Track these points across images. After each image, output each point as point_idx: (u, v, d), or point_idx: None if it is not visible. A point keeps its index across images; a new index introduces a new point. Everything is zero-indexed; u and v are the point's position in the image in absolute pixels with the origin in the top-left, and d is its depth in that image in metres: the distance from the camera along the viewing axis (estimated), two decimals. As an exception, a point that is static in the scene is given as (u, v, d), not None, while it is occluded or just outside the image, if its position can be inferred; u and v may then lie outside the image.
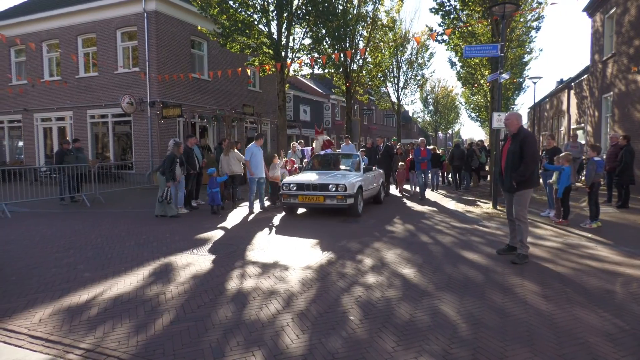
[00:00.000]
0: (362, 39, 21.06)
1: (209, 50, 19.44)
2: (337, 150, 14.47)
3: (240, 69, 15.59)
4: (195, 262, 5.76)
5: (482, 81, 18.12)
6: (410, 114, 58.26)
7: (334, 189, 8.79)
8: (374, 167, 11.63)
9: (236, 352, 3.23)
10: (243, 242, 6.91)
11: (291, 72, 17.27)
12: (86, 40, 18.37)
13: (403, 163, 14.53)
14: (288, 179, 9.62)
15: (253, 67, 16.37)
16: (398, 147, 16.42)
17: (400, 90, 32.14)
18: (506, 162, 5.67)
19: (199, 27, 16.88)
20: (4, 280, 5.03)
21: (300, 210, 10.17)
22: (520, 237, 5.60)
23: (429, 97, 52.23)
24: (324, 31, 16.71)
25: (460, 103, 46.82)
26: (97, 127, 18.78)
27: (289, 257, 5.91)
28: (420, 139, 13.34)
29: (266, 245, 6.64)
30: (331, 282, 4.80)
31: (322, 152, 12.01)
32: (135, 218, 9.42)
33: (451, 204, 11.34)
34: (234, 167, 10.52)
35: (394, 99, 33.05)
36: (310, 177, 9.41)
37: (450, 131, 63.23)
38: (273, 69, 15.96)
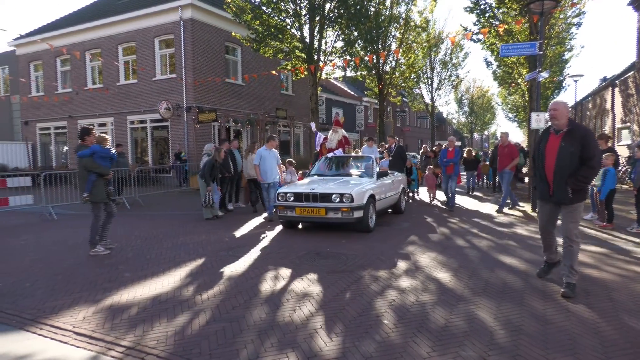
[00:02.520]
0: (394, 40, 20.91)
1: (242, 56, 19.80)
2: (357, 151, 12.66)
3: (274, 71, 15.80)
4: (229, 263, 5.85)
5: (519, 80, 17.61)
6: (445, 115, 57.30)
7: (337, 199, 7.30)
8: (390, 171, 10.03)
9: (270, 353, 3.25)
10: (275, 246, 6.97)
11: (323, 75, 17.36)
12: (126, 48, 19.08)
13: (431, 166, 12.82)
14: (284, 187, 8.22)
15: (286, 71, 16.54)
16: (434, 147, 15.98)
17: (434, 91, 31.71)
18: (558, 165, 4.38)
19: (233, 33, 17.22)
20: (52, 279, 5.28)
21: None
22: (570, 262, 4.40)
23: (463, 98, 51.26)
24: (356, 34, 16.72)
25: (497, 103, 45.70)
26: (136, 132, 19.46)
27: (319, 260, 5.91)
28: (450, 137, 11.51)
29: (297, 248, 6.67)
30: (364, 286, 4.77)
31: (330, 155, 10.28)
32: (173, 220, 9.68)
33: (488, 207, 11.05)
34: (252, 171, 10.42)
35: (427, 100, 32.63)
36: (310, 184, 7.99)
37: (486, 132, 61.76)
38: (306, 73, 16.07)
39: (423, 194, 13.59)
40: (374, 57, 19.06)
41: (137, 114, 18.79)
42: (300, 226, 8.47)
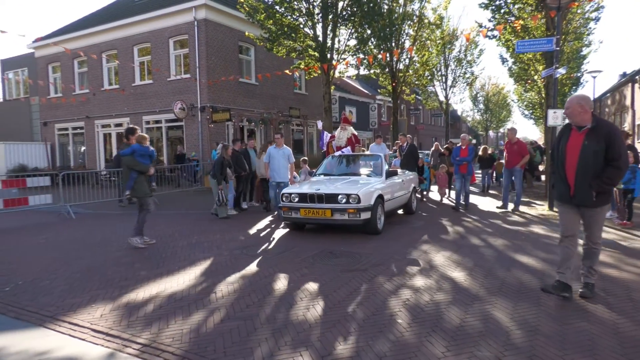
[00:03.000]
0: (408, 37, 20.75)
1: (256, 55, 19.88)
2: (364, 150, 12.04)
3: (287, 71, 15.82)
4: (244, 262, 5.89)
5: (536, 77, 17.34)
6: (459, 113, 56.76)
7: (344, 200, 7.04)
8: (400, 170, 9.86)
9: (284, 352, 3.26)
10: (289, 244, 6.98)
11: (337, 74, 17.33)
12: (141, 49, 19.31)
13: (444, 165, 12.48)
14: (289, 188, 8.02)
15: (300, 70, 16.56)
16: (446, 145, 15.72)
17: (448, 89, 31.42)
18: (580, 165, 4.00)
19: (247, 33, 17.30)
20: (70, 277, 5.37)
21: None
22: (590, 262, 4.25)
23: (478, 95, 50.69)
24: (369, 31, 16.64)
25: (513, 100, 44.99)
26: (151, 132, 19.68)
27: (333, 259, 5.91)
28: (462, 135, 10.88)
29: (310, 247, 6.67)
30: (378, 285, 4.75)
31: (338, 153, 9.89)
32: (188, 219, 9.78)
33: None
34: (263, 170, 10.40)
35: (441, 97, 32.37)
36: (316, 185, 7.74)
37: (502, 130, 60.99)
38: (319, 72, 16.07)
39: (435, 193, 13.40)
40: (388, 54, 18.95)
41: (153, 114, 19.01)
42: (306, 226, 8.23)
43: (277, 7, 15.63)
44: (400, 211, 9.69)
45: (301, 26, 15.77)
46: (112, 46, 19.91)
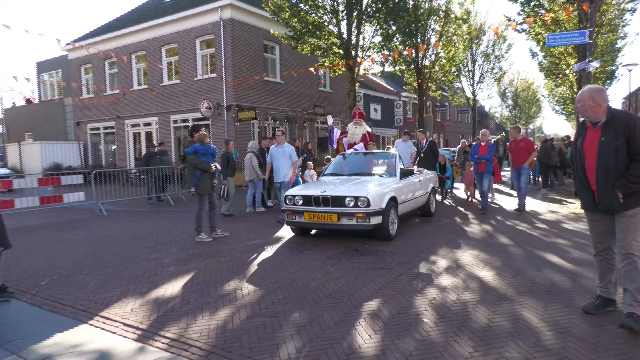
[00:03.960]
0: (434, 33, 20.48)
1: (280, 54, 19.98)
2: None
3: (312, 68, 15.84)
4: (269, 259, 5.94)
5: (567, 71, 16.83)
6: (487, 109, 55.61)
7: (352, 203, 6.37)
8: (416, 169, 9.10)
9: (309, 349, 3.28)
10: (313, 242, 7.00)
11: (361, 71, 17.24)
12: (169, 50, 19.69)
13: (468, 162, 11.40)
14: (293, 189, 7.35)
15: (324, 68, 16.55)
16: (473, 142, 15.21)
17: (475, 85, 30.86)
18: (600, 165, 3.50)
19: (272, 32, 17.40)
20: (102, 272, 5.54)
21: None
22: (633, 284, 3.44)
23: (507, 91, 49.57)
24: (394, 28, 16.48)
25: (543, 95, 43.82)
26: (179, 131, 20.07)
27: (358, 257, 5.89)
28: (482, 130, 10.02)
29: (336, 245, 6.67)
30: (403, 283, 4.71)
31: (350, 151, 9.22)
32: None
33: (533, 204, 10.63)
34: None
35: (468, 94, 31.81)
36: (322, 186, 7.08)
37: (531, 126, 59.50)
38: (343, 69, 16.03)
39: (460, 191, 13.14)
40: (413, 51, 18.74)
41: (180, 113, 19.37)
42: (313, 232, 7.58)
43: (302, 5, 15.67)
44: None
45: (326, 24, 15.77)
46: (141, 47, 20.37)
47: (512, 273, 4.98)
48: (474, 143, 10.99)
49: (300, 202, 6.81)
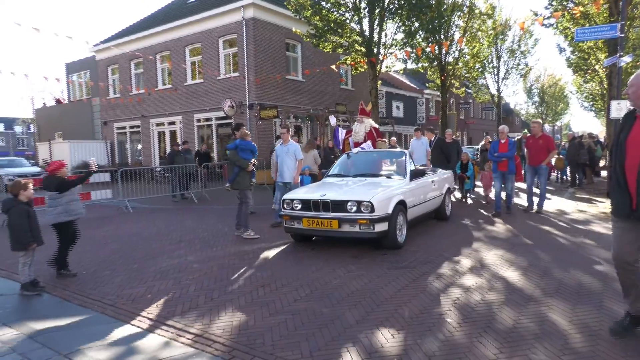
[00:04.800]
0: (458, 29, 20.17)
1: (302, 52, 20.02)
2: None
3: (333, 66, 15.81)
4: (291, 257, 5.96)
5: (597, 66, 16.34)
6: (512, 106, 54.49)
7: (354, 208, 5.78)
8: (429, 169, 8.46)
9: (331, 347, 3.28)
10: (335, 240, 6.99)
11: (383, 69, 17.12)
12: (192, 50, 19.97)
13: (489, 162, 10.20)
14: (291, 193, 6.72)
15: (346, 66, 16.49)
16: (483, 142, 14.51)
17: (500, 81, 30.28)
18: None
19: (294, 30, 17.44)
20: (128, 268, 5.67)
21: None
22: None
23: (533, 87, 48.45)
24: (417, 24, 16.30)
25: (571, 92, 42.65)
26: (202, 130, 20.35)
27: (380, 256, 5.85)
28: (501, 127, 9.23)
29: (357, 243, 6.65)
30: (426, 283, 4.66)
31: (356, 150, 8.47)
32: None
33: (561, 203, 10.37)
34: (310, 166, 9.85)
35: (493, 90, 31.25)
36: (322, 189, 6.50)
37: (558, 123, 58.02)
38: (365, 67, 15.95)
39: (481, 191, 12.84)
40: (436, 47, 18.51)
41: (203, 112, 19.63)
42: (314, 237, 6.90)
43: (324, 3, 15.66)
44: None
45: (347, 21, 15.71)
46: (166, 47, 20.72)
47: (539, 274, 4.87)
48: (490, 141, 10.66)
49: (299, 206, 6.22)
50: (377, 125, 9.92)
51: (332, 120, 12.45)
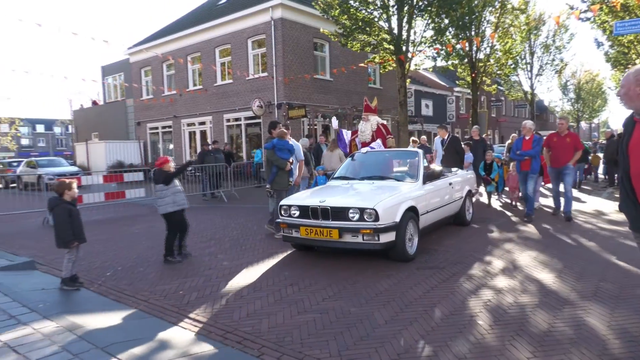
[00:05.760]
0: (489, 25, 19.71)
1: (330, 51, 20.01)
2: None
3: (362, 64, 15.73)
4: (320, 256, 5.97)
5: (638, 61, 15.65)
6: (546, 103, 52.86)
7: (356, 216, 5.20)
8: (447, 170, 7.72)
9: (359, 347, 3.27)
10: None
11: (412, 67, 16.91)
12: (222, 51, 20.27)
13: (514, 162, 9.06)
14: (288, 198, 6.10)
15: (374, 64, 16.37)
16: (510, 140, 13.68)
17: (534, 78, 29.44)
18: None
19: (321, 29, 17.45)
20: (161, 265, 5.81)
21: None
22: None
23: (569, 84, 46.83)
24: (447, 21, 16.02)
25: (609, 88, 41.03)
26: (232, 130, 20.64)
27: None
28: (524, 122, 8.28)
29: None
30: (456, 284, 4.59)
31: (365, 150, 7.77)
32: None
33: (599, 203, 9.99)
34: (335, 165, 9.47)
35: (526, 87, 30.42)
36: (322, 194, 5.88)
37: (595, 120, 55.96)
38: (394, 65, 15.80)
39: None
40: (467, 44, 18.15)
41: (233, 112, 19.90)
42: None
43: (352, 2, 15.58)
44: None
45: (376, 19, 15.59)
46: (196, 49, 21.11)
47: (575, 276, 4.71)
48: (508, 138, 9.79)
49: (296, 213, 5.64)
50: (384, 122, 9.17)
51: (334, 122, 11.55)
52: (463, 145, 10.26)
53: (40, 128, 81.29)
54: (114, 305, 4.41)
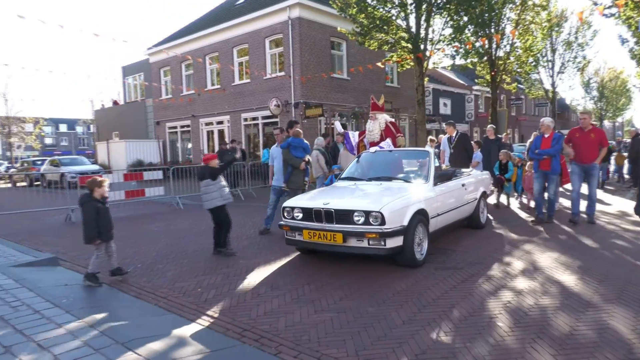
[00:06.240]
0: (509, 22, 19.38)
1: (347, 50, 19.97)
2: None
3: (379, 63, 15.65)
4: (334, 255, 5.96)
5: (664, 57, 15.19)
6: (568, 102, 51.76)
7: (361, 219, 4.95)
8: (459, 170, 7.52)
9: (377, 347, 3.25)
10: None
11: (430, 65, 16.75)
12: (240, 50, 20.41)
13: (530, 162, 8.56)
14: (292, 200, 5.91)
15: (392, 63, 16.25)
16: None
17: (555, 76, 28.86)
18: None
19: (339, 28, 17.42)
20: (179, 262, 5.89)
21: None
22: None
23: (592, 81, 45.79)
24: (465, 19, 15.80)
25: (634, 86, 39.97)
26: (249, 129, 20.77)
27: (427, 256, 5.73)
28: (543, 120, 7.82)
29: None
30: (475, 285, 4.53)
31: (372, 150, 7.41)
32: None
33: (623, 204, 9.73)
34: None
35: (547, 85, 29.86)
36: (326, 195, 5.65)
37: (619, 119, 54.58)
38: (412, 63, 15.67)
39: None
40: (487, 41, 17.88)
41: (250, 111, 20.02)
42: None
43: (369, 0, 15.50)
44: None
45: (393, 18, 15.48)
46: (215, 49, 21.30)
47: (598, 278, 4.60)
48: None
49: (300, 215, 5.45)
50: (393, 119, 8.88)
51: (338, 126, 10.84)
52: (472, 143, 9.95)
53: (63, 127, 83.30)
54: (134, 301, 4.48)
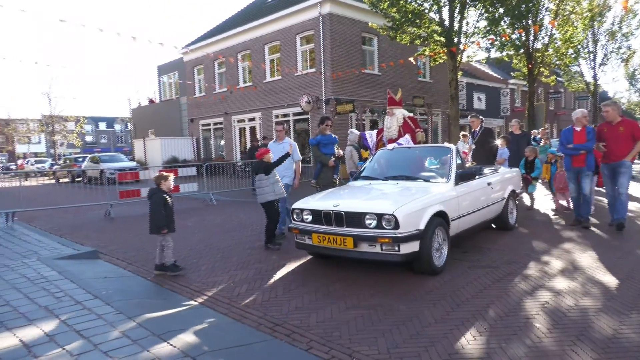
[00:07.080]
0: (548, 13, 18.68)
1: (378, 45, 19.77)
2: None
3: (411, 59, 15.42)
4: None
5: None
6: (611, 95, 49.52)
7: (373, 222, 4.58)
8: (485, 167, 6.91)
9: (409, 345, 3.21)
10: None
11: (464, 59, 16.38)
12: (271, 48, 20.55)
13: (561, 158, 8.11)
14: (301, 201, 5.53)
15: (424, 57, 15.98)
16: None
17: (597, 68, 27.65)
18: None
19: (370, 24, 17.27)
20: (212, 257, 6.00)
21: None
22: None
23: (636, 73, 43.61)
24: (501, 10, 15.34)
25: (683, 77, 37.87)
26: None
27: (460, 254, 5.61)
28: (575, 112, 7.00)
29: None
30: (511, 284, 4.40)
31: (390, 147, 6.96)
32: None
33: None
34: None
35: (588, 78, 28.67)
36: (337, 196, 5.35)
37: (667, 112, 51.81)
38: (445, 58, 15.37)
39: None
40: (524, 32, 17.30)
41: (281, 108, 20.15)
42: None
43: (401, -6, 15.29)
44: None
45: (426, 11, 15.22)
46: (246, 47, 21.54)
47: (643, 280, 4.38)
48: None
49: (309, 218, 5.13)
50: (411, 114, 8.29)
51: (353, 133, 10.03)
52: (500, 140, 9.33)
53: (102, 125, 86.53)
54: (169, 294, 4.60)
